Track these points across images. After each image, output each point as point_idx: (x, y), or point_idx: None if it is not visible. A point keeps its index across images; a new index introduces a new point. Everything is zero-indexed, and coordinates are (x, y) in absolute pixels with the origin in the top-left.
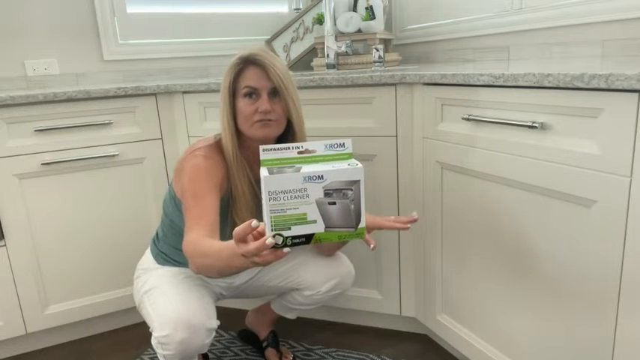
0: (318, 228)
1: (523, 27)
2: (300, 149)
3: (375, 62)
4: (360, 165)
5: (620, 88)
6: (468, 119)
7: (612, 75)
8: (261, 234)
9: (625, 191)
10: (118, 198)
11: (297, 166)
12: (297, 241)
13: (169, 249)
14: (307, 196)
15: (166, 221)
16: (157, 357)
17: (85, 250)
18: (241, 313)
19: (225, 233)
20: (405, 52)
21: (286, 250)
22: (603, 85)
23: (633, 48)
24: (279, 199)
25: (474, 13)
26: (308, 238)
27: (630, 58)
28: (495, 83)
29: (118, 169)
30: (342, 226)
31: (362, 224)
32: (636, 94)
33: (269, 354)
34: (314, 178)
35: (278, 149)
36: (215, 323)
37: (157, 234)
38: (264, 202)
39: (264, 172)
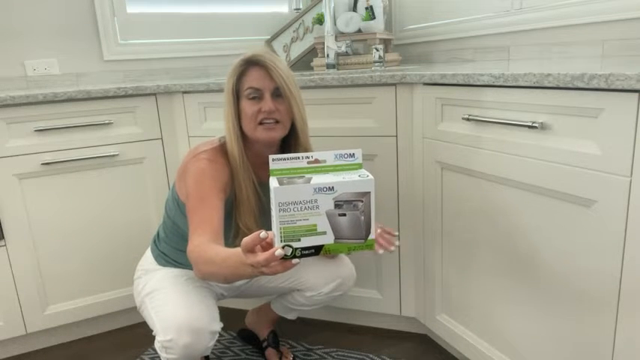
0: (328, 239)
1: (523, 27)
2: (310, 159)
3: (375, 62)
4: (370, 176)
5: (620, 88)
6: (468, 119)
7: (612, 75)
8: (270, 244)
9: (625, 191)
10: (118, 198)
11: (307, 176)
12: (306, 252)
13: (170, 250)
14: (317, 207)
15: (168, 222)
16: (157, 357)
17: (85, 250)
18: (241, 313)
19: (228, 237)
20: (405, 52)
21: (295, 261)
22: (603, 85)
23: (633, 48)
24: (289, 210)
25: (473, 13)
26: (317, 249)
27: (630, 58)
28: (495, 83)
29: (118, 169)
30: (352, 237)
31: (372, 236)
32: (636, 94)
33: (269, 354)
34: (324, 189)
35: (288, 159)
36: (218, 326)
37: (157, 234)
38: (273, 212)
39: (274, 182)
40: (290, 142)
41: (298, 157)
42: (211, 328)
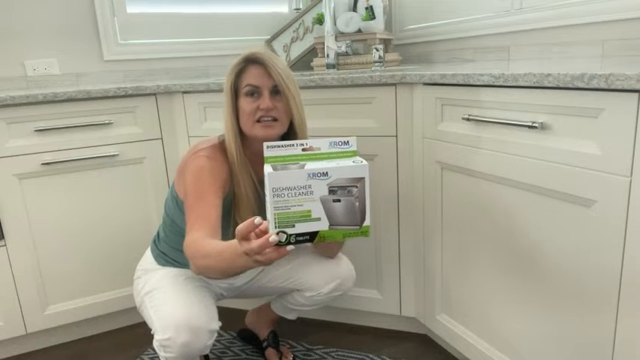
0: (323, 226)
1: (523, 27)
2: (305, 146)
3: (375, 62)
4: (365, 162)
5: (620, 88)
6: (468, 119)
7: (612, 75)
8: (264, 232)
9: (625, 191)
10: (118, 198)
11: (302, 163)
12: (300, 238)
13: (170, 250)
14: (312, 193)
15: (167, 221)
16: (157, 357)
17: (85, 250)
18: (241, 313)
19: (227, 235)
20: (405, 52)
21: (290, 247)
22: (603, 85)
23: (633, 48)
24: (283, 195)
25: (473, 13)
26: (312, 236)
27: (630, 58)
28: (495, 83)
29: (118, 169)
30: (347, 223)
31: (367, 222)
32: (636, 94)
33: (269, 354)
34: (318, 175)
35: (282, 146)
36: (217, 325)
37: (157, 234)
38: (267, 198)
39: (268, 168)
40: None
41: (292, 145)
42: (209, 327)
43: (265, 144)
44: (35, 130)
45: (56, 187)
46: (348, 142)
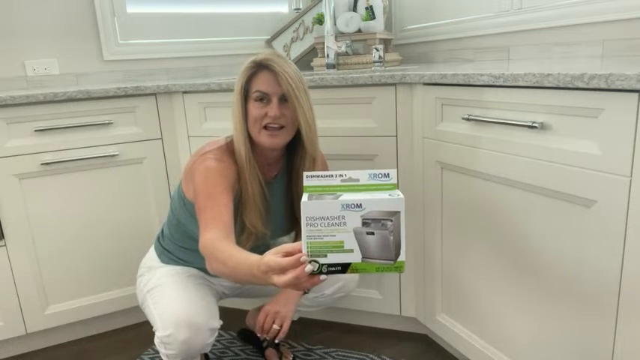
0: (355, 258)
1: (523, 27)
2: (344, 177)
3: (375, 62)
4: (401, 196)
5: (620, 88)
6: (468, 119)
7: (612, 75)
8: (292, 254)
9: (625, 191)
10: (118, 198)
11: (338, 194)
12: (332, 269)
13: (175, 247)
14: (345, 224)
15: (173, 220)
16: (157, 357)
17: (84, 250)
18: (241, 313)
19: (235, 236)
20: (405, 52)
21: (323, 277)
22: (603, 85)
23: (633, 48)
24: (316, 225)
25: (473, 13)
26: (344, 267)
27: (630, 58)
28: (495, 83)
29: (118, 169)
30: (381, 257)
31: (402, 257)
32: (636, 94)
33: (269, 354)
34: (352, 206)
35: (321, 176)
36: (218, 323)
37: (162, 232)
38: (302, 227)
39: (304, 197)
40: (296, 147)
41: (332, 175)
42: (210, 325)
43: (305, 174)
44: (35, 130)
45: (56, 187)
46: (388, 174)
